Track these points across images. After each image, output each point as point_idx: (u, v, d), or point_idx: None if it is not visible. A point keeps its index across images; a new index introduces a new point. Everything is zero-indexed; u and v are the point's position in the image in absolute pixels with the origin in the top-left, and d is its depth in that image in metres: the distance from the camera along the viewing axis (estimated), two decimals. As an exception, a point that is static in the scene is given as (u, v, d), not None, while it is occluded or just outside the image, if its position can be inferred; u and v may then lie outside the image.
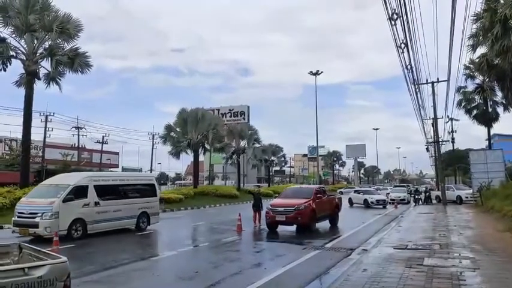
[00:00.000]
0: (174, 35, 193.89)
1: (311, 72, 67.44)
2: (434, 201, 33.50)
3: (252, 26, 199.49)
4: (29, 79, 20.36)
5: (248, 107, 72.59)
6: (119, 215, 14.76)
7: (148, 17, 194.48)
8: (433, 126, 37.38)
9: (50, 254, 5.16)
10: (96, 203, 13.99)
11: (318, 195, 16.07)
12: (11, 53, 20.20)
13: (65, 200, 13.06)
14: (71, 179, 14.16)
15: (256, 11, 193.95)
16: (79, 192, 13.56)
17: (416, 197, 33.43)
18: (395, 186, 56.27)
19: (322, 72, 67.25)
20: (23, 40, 20.46)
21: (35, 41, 20.58)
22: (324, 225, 16.97)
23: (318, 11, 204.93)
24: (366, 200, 31.14)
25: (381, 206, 30.20)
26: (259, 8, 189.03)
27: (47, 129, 45.01)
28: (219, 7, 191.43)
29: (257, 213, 17.39)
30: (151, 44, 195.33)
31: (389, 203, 32.40)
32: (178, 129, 39.15)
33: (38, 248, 5.46)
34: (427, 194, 34.10)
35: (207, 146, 41.23)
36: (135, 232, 15.26)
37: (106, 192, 14.59)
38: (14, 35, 20.31)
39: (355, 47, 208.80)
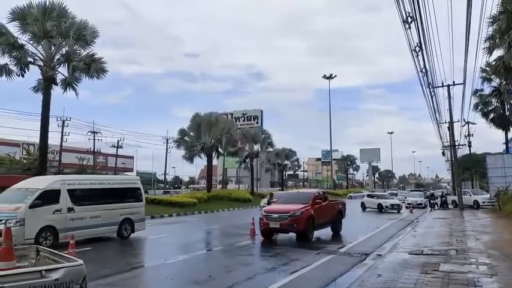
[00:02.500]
0: (188, 40, 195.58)
1: (324, 76, 67.49)
2: (450, 206, 33.01)
3: (265, 31, 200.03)
4: (46, 85, 20.71)
5: (261, 111, 72.93)
6: (97, 222, 13.39)
7: (163, 23, 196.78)
8: (449, 129, 36.91)
9: (66, 257, 5.25)
10: (70, 209, 12.67)
11: (317, 201, 14.88)
12: (29, 59, 20.58)
13: (31, 206, 11.77)
14: (41, 183, 12.97)
15: (269, 16, 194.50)
16: (49, 197, 12.28)
17: (432, 201, 33.00)
18: (412, 190, 55.73)
19: (335, 76, 67.32)
20: (40, 46, 20.83)
21: (52, 47, 20.93)
22: (328, 232, 16.83)
23: (330, 14, 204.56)
24: (380, 205, 30.81)
25: (396, 211, 29.86)
26: (272, 13, 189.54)
27: (63, 133, 45.78)
28: (232, 12, 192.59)
29: None
30: (165, 49, 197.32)
31: (406, 207, 32.09)
32: (192, 134, 39.40)
33: (55, 251, 5.56)
34: (443, 198, 33.64)
35: (220, 150, 41.40)
36: (148, 236, 15.35)
37: (82, 197, 13.37)
38: (31, 42, 20.69)
39: (368, 50, 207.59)
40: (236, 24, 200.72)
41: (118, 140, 57.13)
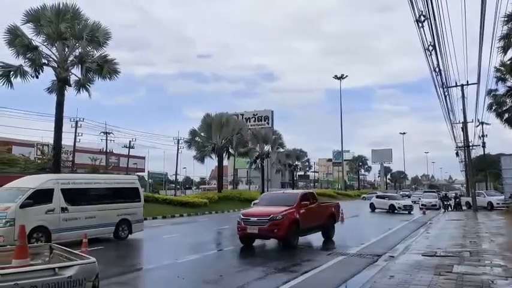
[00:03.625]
0: (200, 41, 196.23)
1: (335, 76, 67.34)
2: (464, 208, 32.60)
3: (276, 32, 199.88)
4: (60, 86, 20.95)
5: (272, 111, 72.83)
6: (92, 223, 12.90)
7: (175, 25, 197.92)
8: (462, 130, 36.44)
9: (79, 255, 5.30)
10: (63, 209, 12.26)
11: (304, 202, 13.22)
12: (43, 60, 20.84)
13: (22, 206, 11.39)
14: (33, 182, 12.52)
15: (280, 17, 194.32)
16: (41, 196, 11.88)
17: (446, 203, 32.64)
18: (425, 191, 55.38)
19: (347, 76, 67.09)
20: (54, 48, 21.07)
21: (66, 49, 21.17)
22: (340, 233, 16.72)
23: (342, 15, 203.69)
24: (392, 205, 30.53)
25: (407, 212, 29.61)
26: (283, 14, 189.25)
27: (76, 134, 46.30)
28: (243, 13, 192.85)
29: None
30: (177, 50, 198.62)
31: (420, 208, 31.87)
32: (202, 134, 39.54)
33: (68, 249, 5.62)
34: (457, 200, 33.25)
35: (231, 151, 41.45)
36: (159, 235, 15.42)
37: (77, 196, 12.93)
38: (45, 43, 20.95)
39: (380, 50, 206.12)
40: (247, 25, 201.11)
41: (130, 141, 57.61)
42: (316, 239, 15.28)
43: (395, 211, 29.87)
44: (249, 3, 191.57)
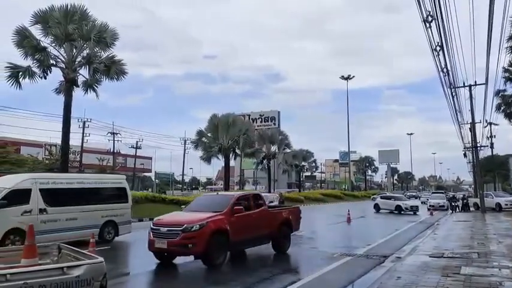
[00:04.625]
0: (207, 42, 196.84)
1: (342, 76, 67.14)
2: (472, 209, 32.35)
3: (282, 33, 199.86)
4: (68, 86, 21.08)
5: (279, 112, 72.88)
6: (74, 225, 12.17)
7: (182, 26, 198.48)
8: (470, 131, 36.11)
9: (87, 255, 5.35)
10: (42, 210, 11.59)
11: (238, 207, 10.30)
12: (51, 61, 20.99)
13: None
14: (9, 182, 11.86)
15: (287, 17, 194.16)
16: (18, 196, 11.26)
17: (453, 204, 32.43)
18: (434, 192, 55.21)
19: (353, 76, 66.91)
20: (62, 49, 21.21)
21: (74, 50, 21.30)
22: (347, 234, 16.62)
23: (349, 15, 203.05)
24: (398, 206, 30.37)
25: (412, 212, 29.49)
26: (290, 14, 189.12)
27: (84, 134, 46.62)
28: (250, 14, 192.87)
29: None
30: (184, 51, 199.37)
31: (428, 209, 31.75)
32: (209, 135, 39.59)
33: (76, 249, 5.66)
34: (465, 201, 33.02)
35: (237, 151, 41.47)
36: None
37: (57, 197, 12.23)
38: (53, 44, 21.10)
39: (387, 50, 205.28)
40: (254, 26, 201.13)
41: (137, 141, 57.96)
42: (324, 239, 15.26)
43: (402, 212, 29.73)
44: (254, 4, 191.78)
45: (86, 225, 12.52)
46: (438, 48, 13.71)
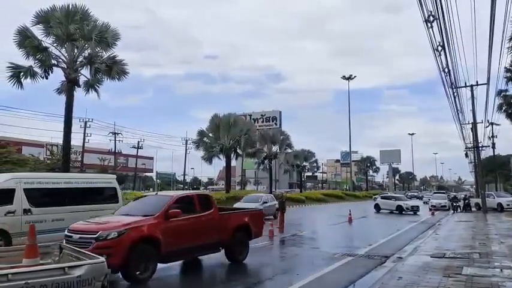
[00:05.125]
0: (207, 42, 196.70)
1: (344, 76, 67.05)
2: (473, 209, 32.31)
3: (283, 33, 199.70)
4: (69, 86, 21.11)
5: (280, 112, 72.74)
6: (60, 226, 10.96)
7: (182, 26, 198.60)
8: (472, 131, 36.09)
9: (88, 255, 5.35)
10: (26, 211, 11.05)
11: (174, 211, 8.68)
12: (53, 61, 21.02)
13: None
14: None
15: (288, 18, 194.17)
16: (0, 197, 10.83)
17: (455, 204, 32.39)
18: (435, 193, 55.27)
19: (355, 76, 66.84)
20: (63, 49, 21.24)
21: (75, 50, 21.33)
22: (348, 234, 16.59)
23: (348, 15, 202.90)
24: (399, 206, 30.36)
25: (412, 213, 29.51)
26: (291, 15, 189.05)
27: (85, 134, 46.69)
28: (250, 14, 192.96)
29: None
30: (185, 51, 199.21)
31: (430, 209, 31.77)
32: (210, 135, 39.62)
33: (78, 249, 5.67)
34: (466, 201, 32.98)
35: (239, 151, 41.47)
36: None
37: (43, 197, 11.71)
38: (55, 44, 21.13)
39: (389, 50, 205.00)
40: (254, 26, 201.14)
41: (138, 141, 58.00)
42: (325, 239, 15.26)
43: (403, 212, 29.71)
44: (255, 4, 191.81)
45: None
46: (440, 48, 13.69)
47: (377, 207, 32.52)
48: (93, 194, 13.10)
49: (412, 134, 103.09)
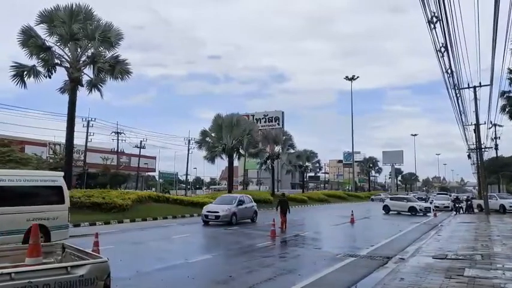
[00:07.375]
0: (211, 42, 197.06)
1: (347, 77, 67.08)
2: (476, 210, 32.22)
3: (287, 33, 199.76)
4: (72, 86, 21.21)
5: (283, 112, 72.76)
6: None
7: (186, 26, 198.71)
8: (475, 132, 35.99)
9: (91, 254, 5.37)
10: None
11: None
12: (56, 60, 21.11)
13: None
14: None
15: (291, 18, 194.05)
16: None
17: (457, 205, 32.31)
18: (438, 194, 55.22)
19: (358, 77, 66.83)
20: (67, 48, 21.34)
21: (78, 49, 21.43)
22: (350, 235, 16.59)
23: (353, 16, 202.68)
24: (413, 208, 29.94)
25: (422, 214, 29.38)
26: (294, 15, 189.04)
27: (88, 133, 46.79)
28: (254, 14, 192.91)
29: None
30: (188, 51, 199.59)
31: (432, 210, 31.78)
32: (213, 135, 39.64)
33: (80, 248, 5.69)
34: (469, 202, 32.88)
35: (241, 151, 41.49)
36: (170, 235, 15.46)
37: None
38: (58, 44, 21.23)
39: (392, 51, 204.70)
40: (258, 26, 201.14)
41: (141, 141, 58.05)
42: (328, 240, 15.25)
43: (417, 213, 29.29)
44: (258, 4, 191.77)
45: (5, 230, 10.24)
46: (443, 49, 13.66)
47: (386, 209, 31.78)
48: (32, 194, 11.37)
49: (415, 135, 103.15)
